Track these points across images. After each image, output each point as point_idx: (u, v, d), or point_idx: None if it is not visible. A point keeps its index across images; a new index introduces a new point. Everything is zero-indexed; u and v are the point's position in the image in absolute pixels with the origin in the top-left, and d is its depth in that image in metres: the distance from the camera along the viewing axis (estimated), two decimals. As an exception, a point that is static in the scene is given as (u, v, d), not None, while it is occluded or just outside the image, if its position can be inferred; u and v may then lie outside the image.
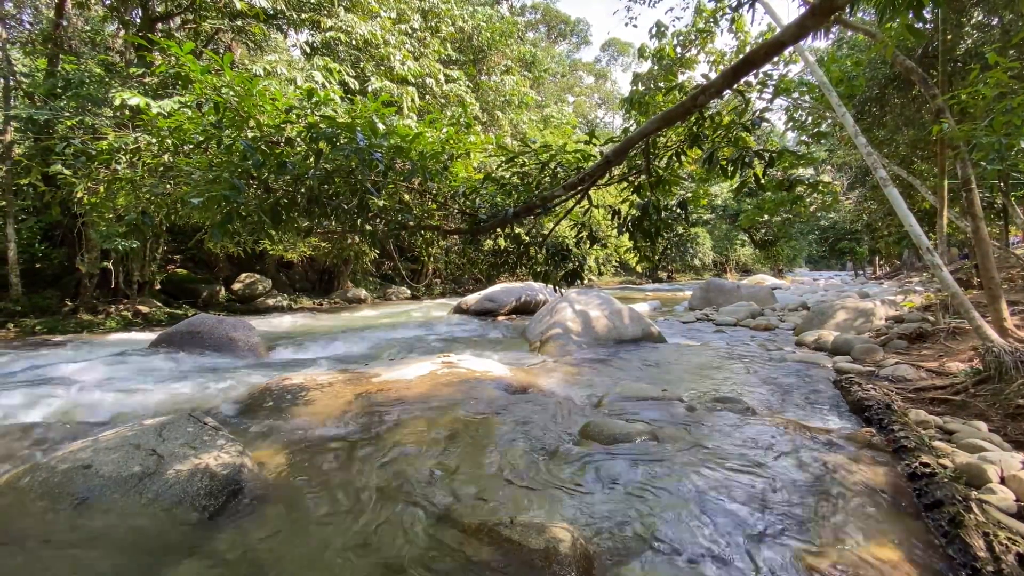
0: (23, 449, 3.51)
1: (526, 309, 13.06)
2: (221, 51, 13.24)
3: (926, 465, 2.75)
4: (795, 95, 8.59)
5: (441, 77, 17.40)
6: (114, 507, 2.48)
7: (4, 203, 10.57)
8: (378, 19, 14.99)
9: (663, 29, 8.61)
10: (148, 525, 2.40)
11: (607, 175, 3.07)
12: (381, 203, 3.06)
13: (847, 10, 5.06)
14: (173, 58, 2.89)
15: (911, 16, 4.18)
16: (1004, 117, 4.59)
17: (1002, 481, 2.72)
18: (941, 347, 6.11)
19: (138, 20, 11.47)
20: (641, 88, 8.69)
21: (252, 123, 2.79)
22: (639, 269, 35.77)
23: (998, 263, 7.98)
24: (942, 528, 2.29)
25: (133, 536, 2.32)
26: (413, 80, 15.76)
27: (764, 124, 3.03)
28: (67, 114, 9.12)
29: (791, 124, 9.47)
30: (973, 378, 4.34)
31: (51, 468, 2.67)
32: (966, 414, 3.90)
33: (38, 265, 11.51)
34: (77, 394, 4.97)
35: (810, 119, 9.41)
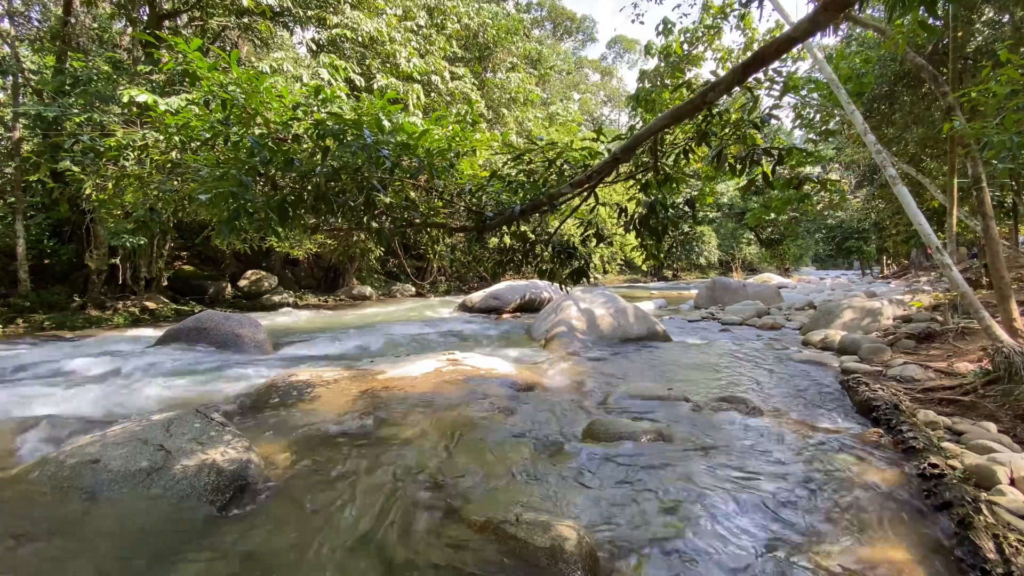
0: (32, 444, 3.54)
1: (531, 307, 13.07)
2: (228, 48, 13.27)
3: (935, 466, 2.73)
4: (803, 92, 8.52)
5: (447, 74, 17.39)
6: (122, 502, 2.50)
7: (13, 199, 10.66)
8: (384, 16, 14.98)
9: (670, 26, 8.56)
10: (156, 520, 2.42)
11: (614, 173, 3.06)
12: (387, 200, 3.05)
13: (857, 6, 5.01)
14: (180, 55, 2.90)
15: (923, 12, 4.13)
16: (1016, 115, 4.54)
17: (1012, 483, 2.69)
18: (950, 347, 6.06)
19: (145, 17, 11.52)
20: (647, 85, 8.64)
21: (259, 120, 2.79)
22: (644, 267, 35.68)
23: (1008, 263, 7.90)
24: (951, 530, 2.27)
25: (141, 530, 2.34)
26: (419, 77, 15.76)
27: (772, 121, 3.00)
28: (75, 111, 9.18)
29: (799, 122, 9.41)
30: (982, 379, 4.30)
31: (60, 463, 2.69)
32: (975, 415, 3.87)
33: (47, 261, 11.61)
34: (85, 389, 5.01)
35: (818, 116, 9.35)
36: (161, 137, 3.01)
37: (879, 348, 6.24)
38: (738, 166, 2.76)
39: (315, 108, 2.87)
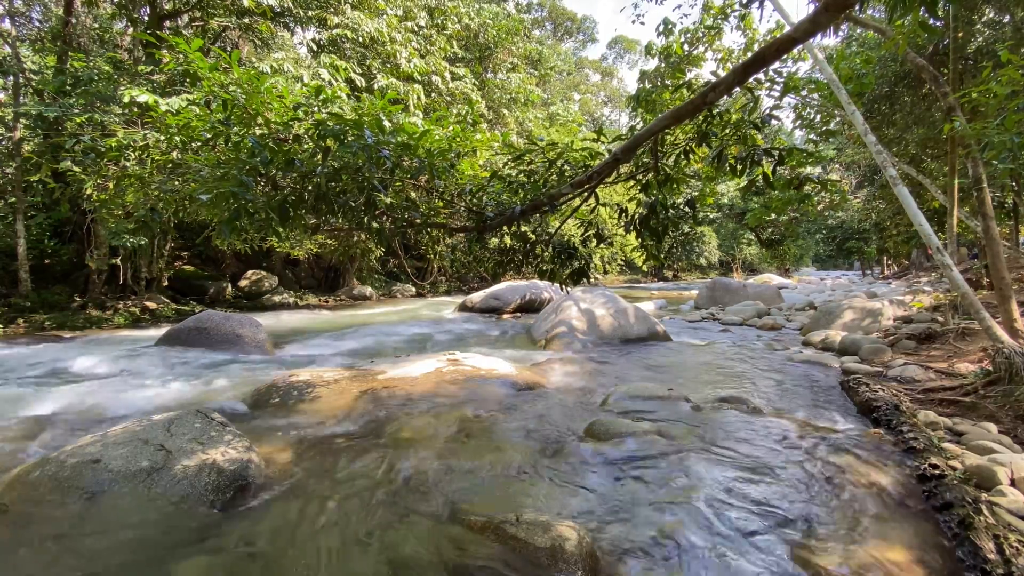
0: (33, 443, 3.55)
1: (531, 307, 13.07)
2: (228, 49, 13.28)
3: (935, 467, 2.73)
4: (804, 93, 8.52)
5: (447, 75, 17.38)
6: (123, 501, 2.50)
7: (14, 199, 10.67)
8: (384, 17, 14.98)
9: (670, 26, 8.56)
10: (156, 520, 2.42)
11: (615, 173, 3.06)
12: (388, 200, 3.05)
13: (857, 7, 5.02)
14: (181, 55, 2.90)
15: (923, 13, 4.13)
16: (1017, 115, 4.53)
17: (1012, 483, 2.69)
18: (950, 348, 6.06)
19: (146, 18, 11.52)
20: (648, 86, 8.64)
21: (260, 120, 2.80)
22: (645, 268, 35.68)
23: (1009, 263, 7.90)
24: (951, 530, 2.27)
25: (141, 530, 2.34)
26: (419, 78, 15.76)
27: (773, 122, 3.00)
28: (76, 111, 9.18)
29: (800, 122, 9.41)
30: (983, 379, 4.30)
31: (60, 463, 2.69)
32: (976, 415, 3.87)
33: (47, 261, 11.61)
34: (85, 389, 5.01)
35: (819, 117, 9.34)
36: (162, 137, 3.02)
37: (879, 349, 6.23)
38: (738, 166, 2.77)
39: (316, 108, 2.88)
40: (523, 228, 3.50)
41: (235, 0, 11.11)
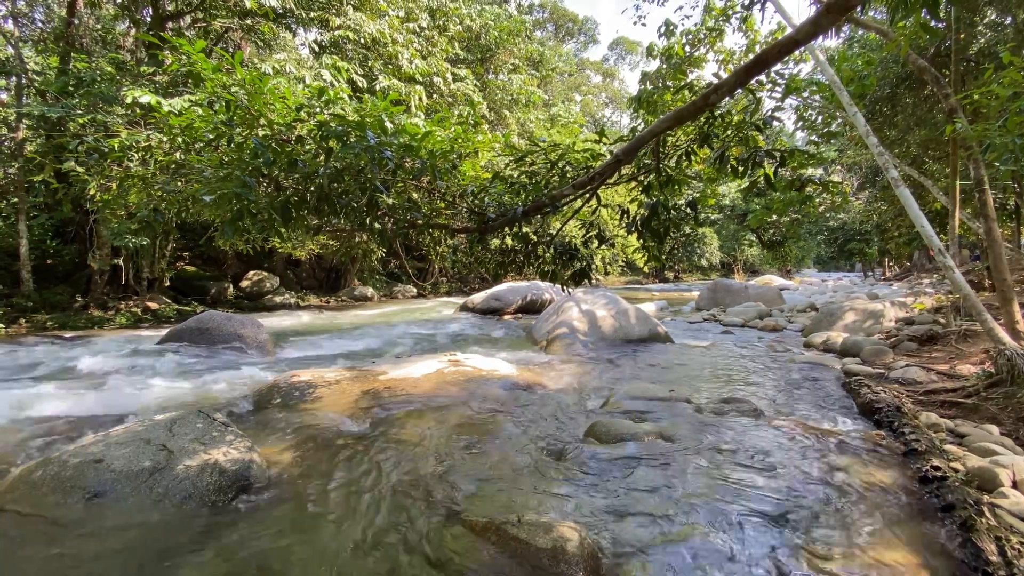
0: (35, 443, 3.55)
1: (532, 308, 13.07)
2: (231, 50, 13.31)
3: (937, 468, 2.73)
4: (805, 94, 8.52)
5: (449, 76, 17.40)
6: (125, 501, 2.51)
7: (17, 200, 10.69)
8: (386, 18, 15.00)
9: (672, 28, 8.56)
10: (158, 520, 2.43)
11: (616, 174, 3.06)
12: (390, 201, 3.06)
13: (859, 8, 5.02)
14: (184, 56, 2.91)
15: (925, 14, 4.13)
16: (1018, 117, 4.53)
17: (1014, 485, 2.69)
18: (952, 349, 6.05)
19: (149, 19, 11.55)
20: (649, 87, 8.65)
21: (263, 121, 2.80)
22: (646, 269, 35.67)
23: (1011, 265, 7.89)
24: (953, 532, 2.26)
25: (144, 530, 2.34)
26: (421, 79, 15.77)
27: (774, 123, 3.00)
28: (79, 112, 9.20)
29: (801, 123, 9.41)
30: (985, 381, 4.29)
31: (63, 462, 2.70)
32: (977, 417, 3.86)
33: (49, 261, 11.64)
34: (87, 389, 5.02)
35: (820, 118, 9.34)
36: (165, 138, 3.03)
37: (881, 350, 6.23)
38: (740, 168, 2.76)
39: (318, 109, 2.88)
40: (525, 229, 3.49)
41: (237, 1, 11.13)
